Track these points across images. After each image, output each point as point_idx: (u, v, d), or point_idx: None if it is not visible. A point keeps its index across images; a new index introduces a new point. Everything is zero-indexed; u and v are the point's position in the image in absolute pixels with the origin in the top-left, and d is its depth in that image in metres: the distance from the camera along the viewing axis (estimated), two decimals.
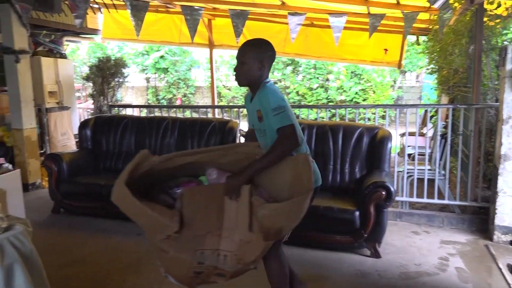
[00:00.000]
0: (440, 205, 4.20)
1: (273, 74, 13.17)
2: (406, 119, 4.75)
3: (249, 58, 2.07)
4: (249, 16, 4.56)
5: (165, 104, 14.45)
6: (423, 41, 7.20)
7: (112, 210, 2.60)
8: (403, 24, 4.40)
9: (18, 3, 4.50)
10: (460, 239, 3.54)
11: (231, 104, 13.90)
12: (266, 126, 2.09)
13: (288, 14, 4.47)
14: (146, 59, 14.70)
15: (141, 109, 6.21)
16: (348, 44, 6.74)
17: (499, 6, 3.83)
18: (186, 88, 14.76)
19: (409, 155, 5.07)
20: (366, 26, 5.38)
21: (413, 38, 7.92)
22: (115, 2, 5.22)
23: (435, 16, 4.58)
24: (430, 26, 5.52)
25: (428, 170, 4.23)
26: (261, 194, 1.99)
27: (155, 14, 6.94)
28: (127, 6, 3.56)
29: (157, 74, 14.95)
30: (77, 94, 8.37)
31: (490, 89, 4.26)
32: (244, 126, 5.75)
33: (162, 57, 14.40)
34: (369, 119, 6.29)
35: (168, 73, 14.67)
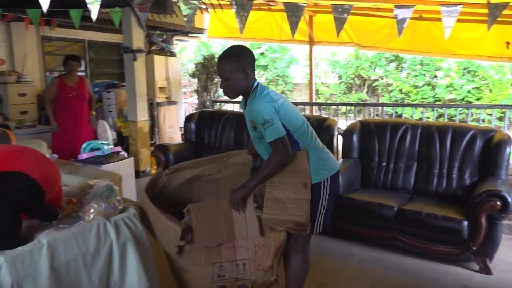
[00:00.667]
0: None
1: (374, 70, 12.64)
2: None
3: (231, 72, 2.01)
4: (351, 11, 4.41)
5: None
6: None
7: None
8: None
9: (137, 6, 4.96)
10: None
11: (329, 101, 13.68)
12: (260, 134, 2.07)
13: (394, 7, 4.22)
14: None
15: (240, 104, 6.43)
16: (461, 37, 6.14)
17: None
18: (284, 85, 14.89)
19: None
20: (483, 18, 4.85)
21: None
22: (221, 2, 5.46)
23: None
24: None
25: None
26: (256, 200, 2.07)
27: (258, 12, 7.11)
28: (232, 6, 3.70)
29: (257, 71, 15.33)
30: (183, 90, 8.96)
31: None
32: (342, 124, 5.63)
33: (262, 54, 14.71)
34: (483, 121, 5.69)
35: (267, 70, 14.94)
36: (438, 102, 11.67)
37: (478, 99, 11.41)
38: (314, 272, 2.90)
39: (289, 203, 1.99)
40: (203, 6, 5.73)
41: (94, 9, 2.62)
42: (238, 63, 2.01)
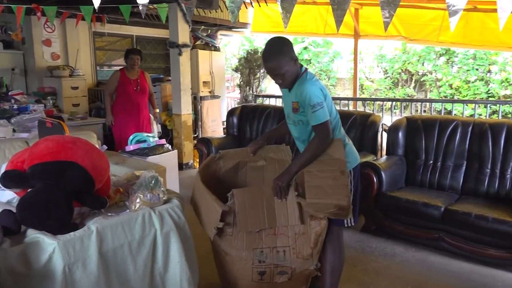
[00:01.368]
0: None
1: (422, 65, 12.16)
2: None
3: (283, 67, 2.06)
4: (400, 3, 4.26)
5: None
6: None
7: None
8: None
9: (184, 2, 5.05)
10: None
11: (374, 96, 13.33)
12: (300, 117, 2.13)
13: None
14: None
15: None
16: None
17: None
18: (327, 79, 14.67)
19: None
20: None
21: None
22: None
23: None
24: None
25: None
26: (297, 189, 2.12)
27: (302, 6, 7.04)
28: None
29: None
30: (226, 84, 9.06)
31: None
32: (387, 120, 5.47)
33: (305, 48, 14.55)
34: None
35: (310, 64, 14.78)
36: (491, 98, 11.04)
37: None
38: (355, 270, 2.86)
39: (329, 189, 2.03)
40: (248, 0, 5.74)
41: (143, 4, 2.71)
42: (285, 57, 2.05)
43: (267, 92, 13.24)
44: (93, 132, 3.73)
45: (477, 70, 11.46)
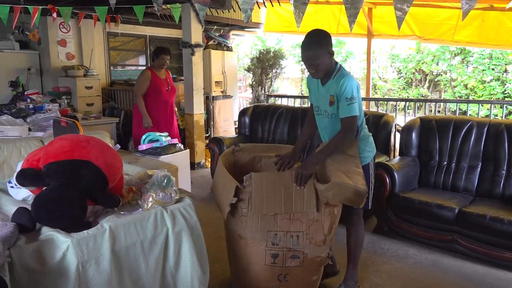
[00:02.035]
0: None
1: (437, 65, 12.00)
2: None
3: (320, 58, 2.17)
4: (415, 2, 4.22)
5: None
6: None
7: None
8: None
9: (197, 1, 5.07)
10: None
11: (387, 96, 13.21)
12: (335, 110, 2.27)
13: None
14: None
15: (294, 99, 6.39)
16: None
17: None
18: None
19: None
20: None
21: None
22: None
23: None
24: None
25: None
26: (316, 177, 2.19)
27: (314, 5, 7.01)
28: None
29: None
30: (238, 84, 9.07)
31: None
32: (400, 120, 5.41)
33: None
34: None
35: None
36: (508, 99, 10.85)
37: None
38: (367, 271, 2.84)
39: (349, 174, 2.12)
40: (260, 0, 5.74)
41: (158, 4, 2.74)
42: (324, 49, 2.18)
43: (279, 92, 13.23)
44: (106, 131, 3.77)
45: (493, 70, 11.27)
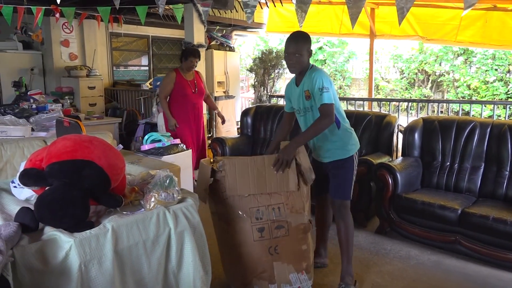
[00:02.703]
0: None
1: (440, 65, 11.97)
2: None
3: (303, 50, 2.41)
4: (416, 2, 4.21)
5: None
6: None
7: None
8: None
9: (199, 2, 5.08)
10: None
11: (389, 97, 13.19)
12: (311, 103, 2.44)
13: None
14: None
15: None
16: None
17: None
18: (342, 80, 14.57)
19: None
20: None
21: None
22: None
23: None
24: None
25: None
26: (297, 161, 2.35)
27: (317, 6, 7.00)
28: None
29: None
30: (240, 84, 9.08)
31: None
32: (403, 121, 5.40)
33: (320, 48, 14.47)
34: None
35: (325, 64, 14.69)
36: (511, 99, 10.83)
37: None
38: (369, 272, 2.83)
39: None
40: (263, 1, 5.74)
41: (161, 4, 2.75)
42: (307, 45, 2.45)
43: (282, 92, 13.22)
44: (109, 131, 3.78)
45: (496, 70, 11.24)
